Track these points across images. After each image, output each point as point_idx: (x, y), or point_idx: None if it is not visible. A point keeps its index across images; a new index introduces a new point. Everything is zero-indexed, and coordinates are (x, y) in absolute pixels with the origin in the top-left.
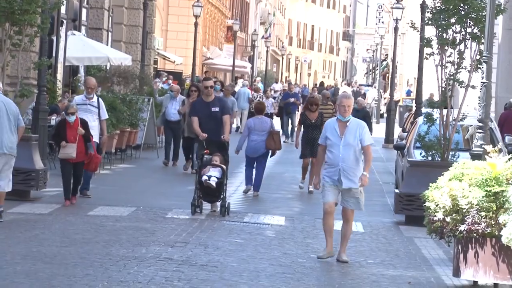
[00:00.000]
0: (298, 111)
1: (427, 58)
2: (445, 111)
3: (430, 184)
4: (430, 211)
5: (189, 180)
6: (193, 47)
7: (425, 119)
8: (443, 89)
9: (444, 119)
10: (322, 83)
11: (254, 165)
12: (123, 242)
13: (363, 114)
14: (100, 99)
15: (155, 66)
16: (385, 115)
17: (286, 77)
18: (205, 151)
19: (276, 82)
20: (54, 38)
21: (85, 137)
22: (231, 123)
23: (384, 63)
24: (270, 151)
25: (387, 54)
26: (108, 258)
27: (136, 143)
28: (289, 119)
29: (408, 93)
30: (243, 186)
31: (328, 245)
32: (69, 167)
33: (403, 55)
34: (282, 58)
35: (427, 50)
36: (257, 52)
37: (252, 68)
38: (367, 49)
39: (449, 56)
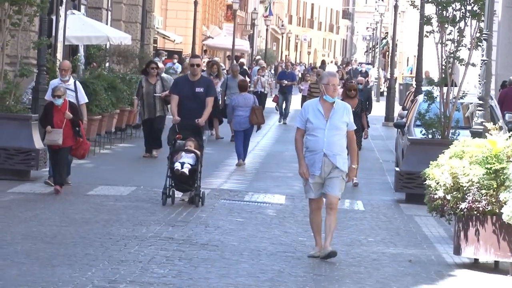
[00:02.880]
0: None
1: (427, 36)
2: (445, 89)
3: (431, 162)
4: (431, 189)
5: None
6: (193, 26)
7: (425, 97)
8: (443, 67)
9: (444, 97)
10: (323, 62)
11: (243, 138)
12: (123, 222)
13: (367, 93)
14: (77, 82)
15: (155, 45)
16: (385, 93)
17: (286, 55)
18: (178, 136)
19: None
20: (54, 17)
21: (74, 121)
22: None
23: (384, 41)
24: (256, 126)
25: (387, 32)
26: (109, 238)
27: (136, 122)
28: (284, 100)
29: (411, 71)
30: (241, 166)
31: (317, 242)
32: (54, 154)
33: (403, 33)
34: (282, 37)
35: (427, 28)
36: (257, 31)
37: (251, 46)
38: (367, 27)
39: (449, 34)
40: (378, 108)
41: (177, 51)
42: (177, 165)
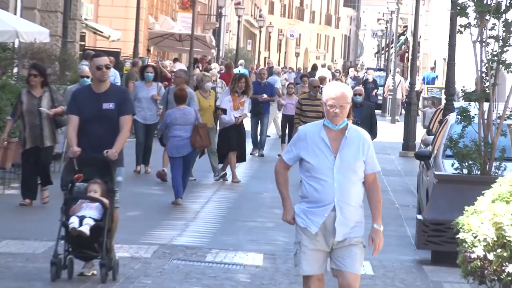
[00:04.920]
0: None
1: (461, 32)
2: (486, 106)
3: (466, 208)
4: (466, 246)
5: (129, 201)
6: (136, 17)
7: (459, 117)
8: (483, 74)
9: (485, 117)
10: (314, 67)
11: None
12: None
13: (368, 109)
14: None
15: (83, 43)
16: (403, 111)
17: (265, 58)
18: (76, 176)
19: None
20: None
21: None
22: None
23: (402, 38)
24: (200, 150)
25: (406, 27)
26: None
27: (55, 151)
28: (259, 121)
29: (432, 80)
30: (203, 213)
31: None
32: None
33: (429, 28)
34: (260, 32)
35: (461, 20)
36: (225, 23)
37: (218, 45)
38: (379, 19)
39: (492, 28)
40: (393, 132)
41: (113, 52)
42: (73, 221)
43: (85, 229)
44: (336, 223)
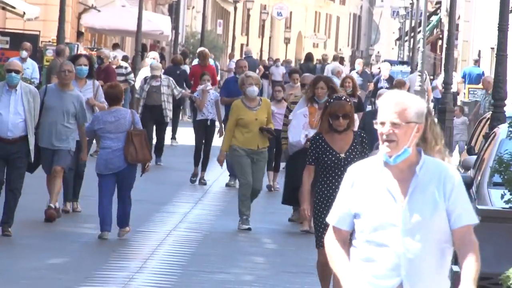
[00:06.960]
0: None
1: None
2: None
3: None
4: None
5: (49, 245)
6: None
7: (511, 130)
8: None
9: None
10: (309, 57)
11: (115, 192)
12: None
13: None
14: None
15: None
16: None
17: (242, 45)
18: None
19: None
20: None
21: None
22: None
23: (434, 19)
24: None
25: (439, 3)
26: None
27: None
28: None
29: (476, 78)
30: (153, 260)
31: None
32: None
33: (471, 5)
34: (235, 9)
35: None
36: None
37: (176, 27)
38: None
39: None
40: None
41: (30, 35)
42: None
43: None
44: None
